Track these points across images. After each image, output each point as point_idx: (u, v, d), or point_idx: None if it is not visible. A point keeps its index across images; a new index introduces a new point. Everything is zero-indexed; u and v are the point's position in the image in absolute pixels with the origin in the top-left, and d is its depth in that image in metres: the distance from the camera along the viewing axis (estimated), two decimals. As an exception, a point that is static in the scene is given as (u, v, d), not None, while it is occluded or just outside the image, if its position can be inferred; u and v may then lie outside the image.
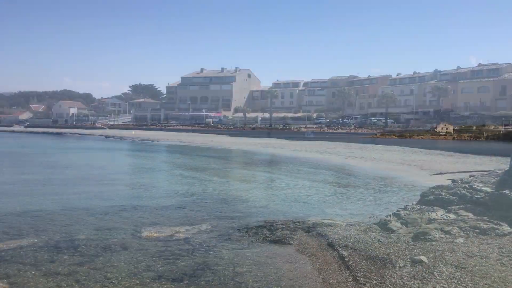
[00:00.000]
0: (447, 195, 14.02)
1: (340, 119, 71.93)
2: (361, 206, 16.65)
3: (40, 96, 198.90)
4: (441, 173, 24.68)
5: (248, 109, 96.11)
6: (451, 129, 51.64)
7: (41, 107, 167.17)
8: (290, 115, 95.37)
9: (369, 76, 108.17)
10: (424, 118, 74.75)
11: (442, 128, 51.82)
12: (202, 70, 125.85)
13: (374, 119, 71.41)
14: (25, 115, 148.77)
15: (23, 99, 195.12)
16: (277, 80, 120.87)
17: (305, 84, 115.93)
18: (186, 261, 9.79)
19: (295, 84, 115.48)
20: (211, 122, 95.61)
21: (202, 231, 12.36)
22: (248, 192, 20.57)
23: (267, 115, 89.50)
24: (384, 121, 62.23)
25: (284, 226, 12.57)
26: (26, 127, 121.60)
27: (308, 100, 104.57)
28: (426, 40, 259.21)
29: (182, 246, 10.91)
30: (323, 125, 71.35)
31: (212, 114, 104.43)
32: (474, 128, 54.57)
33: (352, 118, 76.11)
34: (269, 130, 72.86)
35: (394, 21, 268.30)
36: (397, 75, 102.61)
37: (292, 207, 16.39)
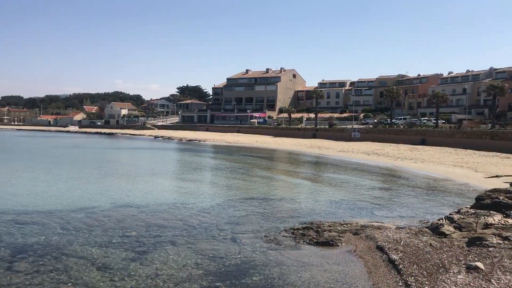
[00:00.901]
0: (506, 199, 13.29)
1: (388, 119, 69.98)
2: (411, 209, 16.15)
3: (93, 98, 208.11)
4: (497, 176, 23.47)
5: (293, 109, 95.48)
6: None
7: (94, 108, 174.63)
8: (336, 115, 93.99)
9: (419, 75, 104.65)
10: (478, 118, 71.42)
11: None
12: (247, 71, 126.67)
13: (424, 120, 68.98)
14: (79, 116, 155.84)
15: (77, 100, 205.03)
16: (323, 80, 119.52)
17: (352, 83, 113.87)
18: (232, 260, 9.88)
19: (342, 84, 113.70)
20: (256, 123, 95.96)
21: (248, 231, 12.43)
22: (293, 193, 20.51)
23: (312, 115, 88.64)
24: (435, 121, 59.97)
25: (331, 228, 12.41)
26: (80, 127, 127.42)
27: (354, 100, 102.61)
28: (480, 38, 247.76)
29: (229, 245, 11.03)
30: (370, 126, 69.77)
31: (256, 114, 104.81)
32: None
33: (400, 119, 73.86)
34: (315, 130, 72.12)
35: (445, 20, 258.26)
36: (448, 74, 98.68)
37: (338, 209, 16.15)
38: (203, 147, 56.42)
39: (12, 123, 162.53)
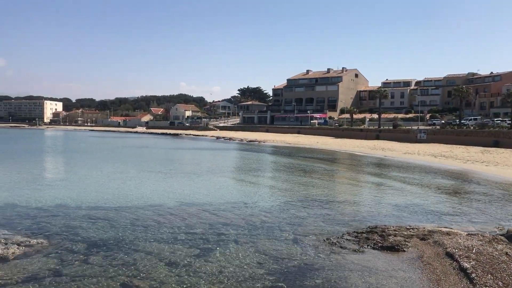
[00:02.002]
0: None
1: (457, 120, 66.35)
2: (484, 214, 15.22)
3: (159, 100, 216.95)
4: None
5: (355, 109, 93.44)
6: None
7: (160, 110, 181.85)
8: (400, 115, 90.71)
9: (492, 72, 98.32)
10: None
11: None
12: (307, 71, 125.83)
13: (497, 120, 64.57)
14: (146, 118, 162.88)
15: (144, 103, 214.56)
16: (387, 80, 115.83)
17: (417, 83, 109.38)
18: (295, 262, 9.87)
19: (406, 83, 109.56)
20: (316, 123, 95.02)
21: (310, 233, 12.35)
22: (355, 196, 20.08)
23: (375, 116, 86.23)
24: (510, 122, 55.92)
25: (396, 232, 12.00)
26: (147, 128, 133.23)
27: (420, 100, 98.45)
28: None
29: (291, 247, 11.04)
30: (438, 127, 66.52)
31: (317, 115, 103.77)
32: None
33: (471, 119, 69.71)
34: (378, 131, 70.06)
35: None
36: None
37: (404, 212, 15.59)
38: (263, 148, 56.83)
39: (85, 124, 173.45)
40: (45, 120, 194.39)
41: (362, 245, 10.99)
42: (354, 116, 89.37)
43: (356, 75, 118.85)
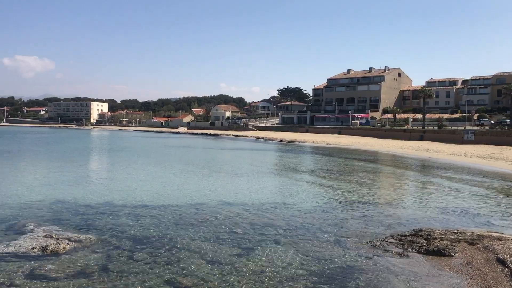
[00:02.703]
0: None
1: (508, 120, 63.28)
2: (538, 220, 14.44)
3: (200, 101, 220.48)
4: None
5: (398, 109, 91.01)
6: None
7: (200, 111, 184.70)
8: (446, 115, 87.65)
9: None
10: None
11: None
12: (349, 71, 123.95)
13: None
14: (187, 118, 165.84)
15: (186, 103, 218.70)
16: (431, 78, 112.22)
17: (464, 81, 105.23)
18: (337, 263, 9.76)
19: (452, 82, 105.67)
20: (358, 124, 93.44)
21: (352, 235, 12.17)
22: (398, 198, 19.59)
23: (419, 116, 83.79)
24: None
25: (443, 236, 11.60)
26: (188, 128, 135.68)
27: (467, 99, 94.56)
28: None
29: (332, 248, 10.91)
30: (486, 127, 63.71)
31: (359, 115, 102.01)
32: None
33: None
34: (422, 132, 67.98)
35: None
36: None
37: (450, 216, 15.05)
38: (303, 149, 56.50)
39: (130, 124, 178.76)
40: (92, 121, 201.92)
41: (407, 249, 10.70)
42: (397, 116, 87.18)
43: (399, 74, 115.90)
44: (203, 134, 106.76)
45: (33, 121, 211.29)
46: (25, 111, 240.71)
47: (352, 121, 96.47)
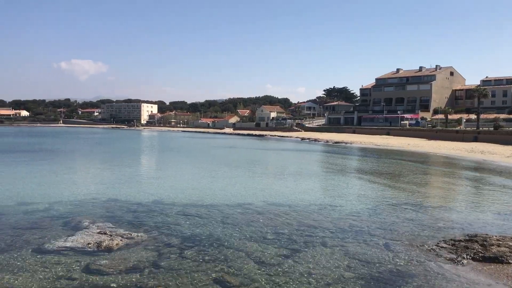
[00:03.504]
0: None
1: None
2: None
3: (245, 102, 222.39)
4: None
5: (450, 110, 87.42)
6: None
7: (246, 112, 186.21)
8: (502, 116, 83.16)
9: None
10: None
11: None
12: (398, 70, 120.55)
13: None
14: (233, 119, 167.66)
15: (232, 104, 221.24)
16: (487, 77, 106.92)
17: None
18: (386, 267, 9.53)
19: (510, 81, 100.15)
20: (407, 124, 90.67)
21: (402, 239, 11.83)
22: (451, 201, 18.83)
23: (473, 116, 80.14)
24: None
25: (500, 242, 11.03)
26: (234, 129, 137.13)
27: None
28: None
29: (381, 251, 10.67)
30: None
31: (408, 116, 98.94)
32: None
33: None
34: (476, 133, 64.96)
35: None
36: None
37: (508, 222, 14.28)
38: (350, 150, 55.57)
39: (178, 125, 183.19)
40: (142, 122, 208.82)
41: (460, 254, 10.27)
42: (449, 116, 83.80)
43: (452, 73, 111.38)
44: (248, 134, 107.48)
45: (87, 122, 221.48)
46: (80, 112, 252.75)
47: (401, 122, 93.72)
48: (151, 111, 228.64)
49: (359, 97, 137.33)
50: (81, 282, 8.45)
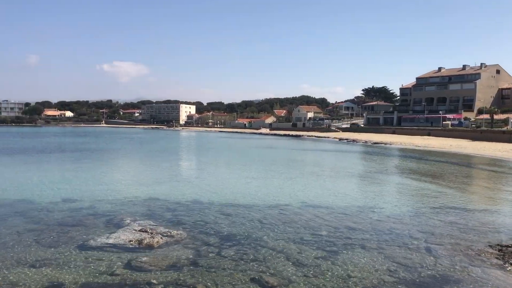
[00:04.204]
0: None
1: None
2: None
3: (282, 102, 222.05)
4: None
5: (496, 109, 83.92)
6: None
7: (282, 112, 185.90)
8: (554, 116, 79.11)
9: None
10: None
11: None
12: (439, 69, 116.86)
13: None
14: (269, 119, 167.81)
15: (268, 105, 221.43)
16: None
17: None
18: (428, 272, 9.26)
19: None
20: (450, 125, 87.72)
21: (445, 243, 11.46)
22: (497, 205, 18.04)
23: (521, 116, 76.69)
24: None
25: (551, 248, 10.48)
26: (270, 129, 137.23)
27: None
28: None
29: (423, 255, 10.37)
30: None
31: (450, 116, 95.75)
32: None
33: None
34: (524, 134, 62.02)
35: None
36: None
37: (561, 227, 13.54)
38: (389, 151, 54.37)
39: (215, 125, 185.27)
40: (180, 122, 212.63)
41: (508, 260, 9.84)
42: (495, 116, 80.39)
43: (498, 71, 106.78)
44: (284, 135, 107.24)
45: (128, 122, 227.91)
46: (121, 113, 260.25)
47: (443, 122, 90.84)
48: (189, 112, 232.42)
49: (398, 97, 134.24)
50: (123, 278, 8.69)
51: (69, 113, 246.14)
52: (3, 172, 26.83)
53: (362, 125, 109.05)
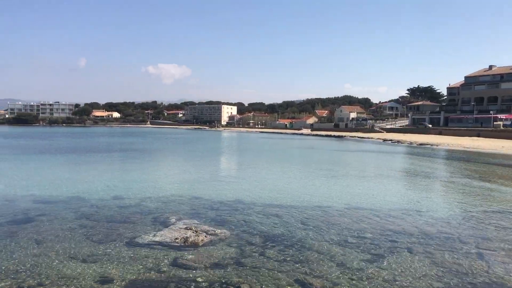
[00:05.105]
0: None
1: None
2: None
3: (323, 102, 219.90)
4: None
5: (552, 109, 79.47)
6: None
7: (324, 112, 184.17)
8: None
9: None
10: None
11: None
12: (490, 67, 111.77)
13: None
14: (311, 120, 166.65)
15: (309, 105, 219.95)
16: None
17: None
18: (479, 279, 8.89)
19: None
20: (501, 125, 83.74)
21: (498, 248, 10.95)
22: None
23: None
24: None
25: None
26: (312, 130, 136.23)
27: None
28: None
29: (474, 261, 9.96)
30: None
31: (502, 116, 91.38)
32: None
33: None
34: None
35: None
36: None
37: None
38: (435, 152, 52.56)
39: (256, 126, 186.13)
40: (222, 123, 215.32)
41: None
42: (552, 116, 75.98)
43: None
44: (326, 135, 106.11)
45: (172, 123, 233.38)
46: (165, 113, 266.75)
47: (494, 123, 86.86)
48: (231, 113, 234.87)
49: (445, 97, 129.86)
50: (169, 275, 8.90)
51: (116, 114, 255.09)
52: (57, 170, 28.17)
53: (430, 125, 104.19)
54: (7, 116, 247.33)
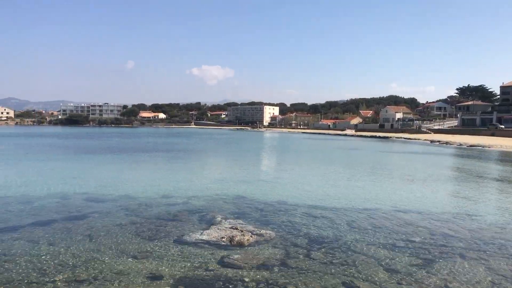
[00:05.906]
0: None
1: None
2: None
3: (368, 102, 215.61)
4: None
5: None
6: None
7: (369, 112, 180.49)
8: None
9: None
10: None
11: None
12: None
13: None
14: (355, 120, 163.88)
15: (353, 105, 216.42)
16: None
17: None
18: (538, 288, 8.43)
19: None
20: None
21: (559, 257, 10.34)
22: None
23: None
24: None
25: None
26: (356, 131, 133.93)
27: None
28: None
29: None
30: None
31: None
32: None
33: None
34: None
35: None
36: None
37: None
38: (487, 154, 50.25)
39: (298, 126, 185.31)
40: (264, 123, 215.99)
41: None
42: None
43: None
44: (371, 136, 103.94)
45: (215, 123, 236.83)
46: (209, 114, 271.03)
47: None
48: (273, 113, 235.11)
49: (498, 96, 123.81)
50: (216, 274, 9.05)
51: (161, 115, 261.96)
52: (107, 169, 29.32)
53: (502, 126, 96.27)
54: (59, 117, 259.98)
